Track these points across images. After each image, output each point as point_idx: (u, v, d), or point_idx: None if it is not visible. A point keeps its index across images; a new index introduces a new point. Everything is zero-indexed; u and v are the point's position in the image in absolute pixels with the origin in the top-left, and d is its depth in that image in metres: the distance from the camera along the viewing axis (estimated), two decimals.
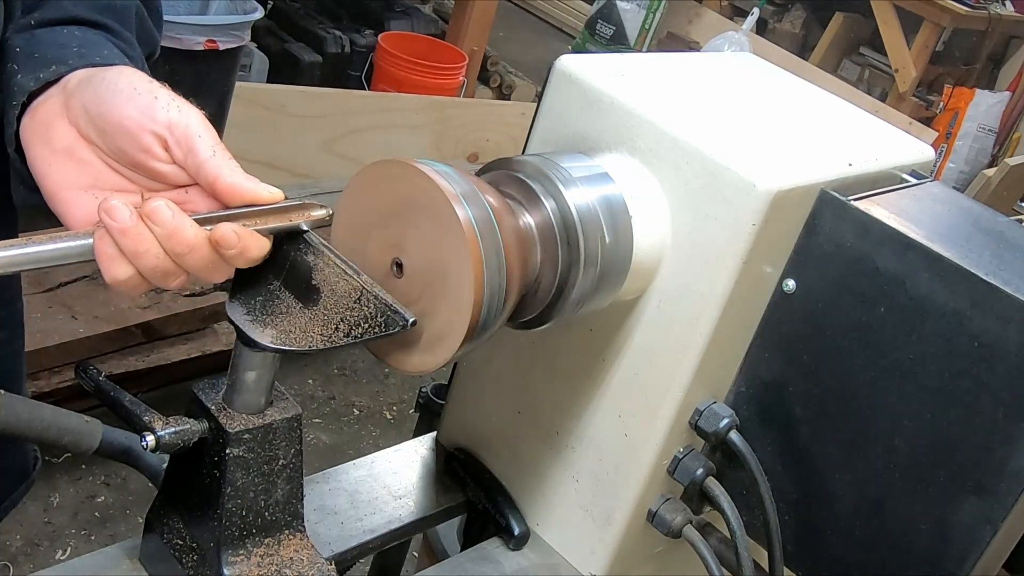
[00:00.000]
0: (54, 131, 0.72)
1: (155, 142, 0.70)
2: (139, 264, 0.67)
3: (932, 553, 0.85)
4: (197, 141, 0.70)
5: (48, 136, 0.72)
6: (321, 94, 3.25)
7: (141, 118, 0.70)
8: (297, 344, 0.73)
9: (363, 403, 2.87)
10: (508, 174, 0.84)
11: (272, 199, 0.72)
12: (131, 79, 0.72)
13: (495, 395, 1.07)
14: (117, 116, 0.70)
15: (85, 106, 0.71)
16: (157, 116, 0.70)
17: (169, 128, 0.70)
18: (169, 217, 0.67)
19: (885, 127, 1.07)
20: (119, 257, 0.67)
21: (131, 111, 0.70)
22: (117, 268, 0.68)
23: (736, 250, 0.84)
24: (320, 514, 0.99)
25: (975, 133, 5.41)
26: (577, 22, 6.11)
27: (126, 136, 0.70)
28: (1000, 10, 5.53)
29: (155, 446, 0.75)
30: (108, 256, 0.67)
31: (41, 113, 0.73)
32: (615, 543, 0.98)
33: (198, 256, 0.68)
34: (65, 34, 0.78)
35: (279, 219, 0.73)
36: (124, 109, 0.70)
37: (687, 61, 1.08)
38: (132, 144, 0.71)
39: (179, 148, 0.70)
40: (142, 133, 0.70)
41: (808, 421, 0.91)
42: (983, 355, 0.80)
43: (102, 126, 0.71)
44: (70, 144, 0.72)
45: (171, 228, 0.67)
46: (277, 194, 0.72)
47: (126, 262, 0.67)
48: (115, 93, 0.71)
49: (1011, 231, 0.94)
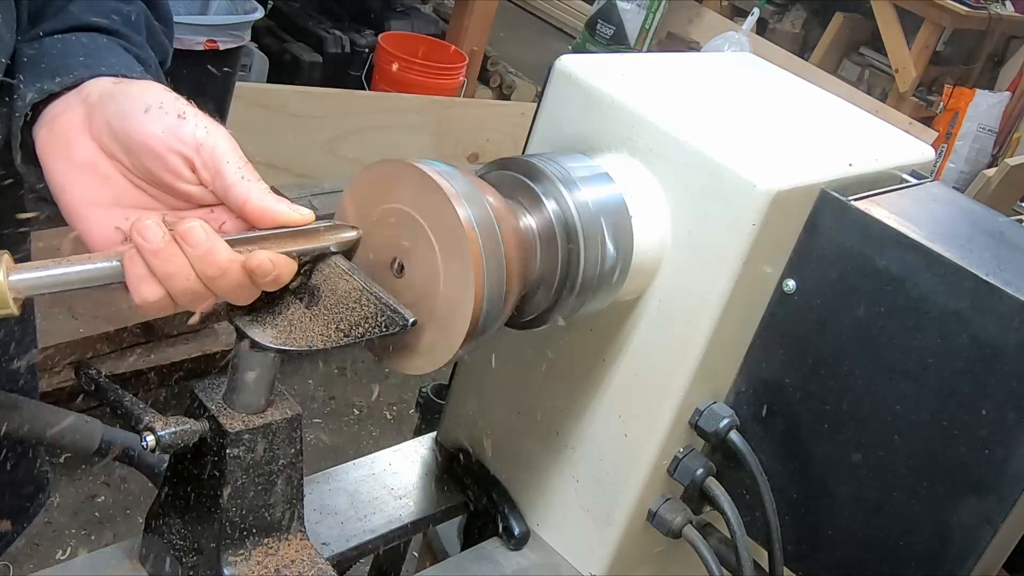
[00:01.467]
0: (74, 145, 0.70)
1: (182, 163, 0.69)
2: (170, 286, 0.66)
3: (932, 553, 0.85)
4: (225, 165, 0.69)
5: (68, 150, 0.70)
6: (321, 94, 3.25)
7: (167, 138, 0.68)
8: (297, 344, 0.73)
9: (363, 403, 2.87)
10: (508, 174, 0.84)
11: (303, 221, 0.71)
12: (157, 95, 0.70)
13: (495, 395, 1.07)
14: (143, 135, 0.69)
15: (109, 121, 0.70)
16: (184, 136, 0.68)
17: (196, 149, 0.69)
18: (203, 239, 0.65)
19: (885, 127, 1.07)
20: (149, 278, 0.66)
21: (157, 130, 0.68)
22: (147, 289, 0.66)
23: (736, 250, 0.84)
24: (320, 514, 0.99)
25: (975, 133, 5.41)
26: (577, 22, 6.12)
27: (152, 156, 0.69)
28: (1000, 10, 5.53)
29: (155, 446, 0.75)
30: (138, 277, 0.66)
31: (60, 125, 0.71)
32: (615, 543, 0.98)
33: (229, 280, 0.67)
34: (72, 42, 0.77)
35: (309, 241, 0.72)
36: (150, 127, 0.68)
37: (687, 61, 1.08)
38: (158, 164, 0.69)
39: (206, 170, 0.69)
40: (168, 154, 0.68)
41: (808, 421, 0.91)
42: (983, 355, 0.80)
43: (126, 143, 0.69)
44: (91, 159, 0.70)
45: (204, 250, 0.65)
46: (308, 215, 0.71)
47: (156, 283, 0.66)
48: (140, 109, 0.69)
49: (1011, 231, 0.94)
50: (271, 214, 0.69)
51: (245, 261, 0.67)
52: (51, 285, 0.64)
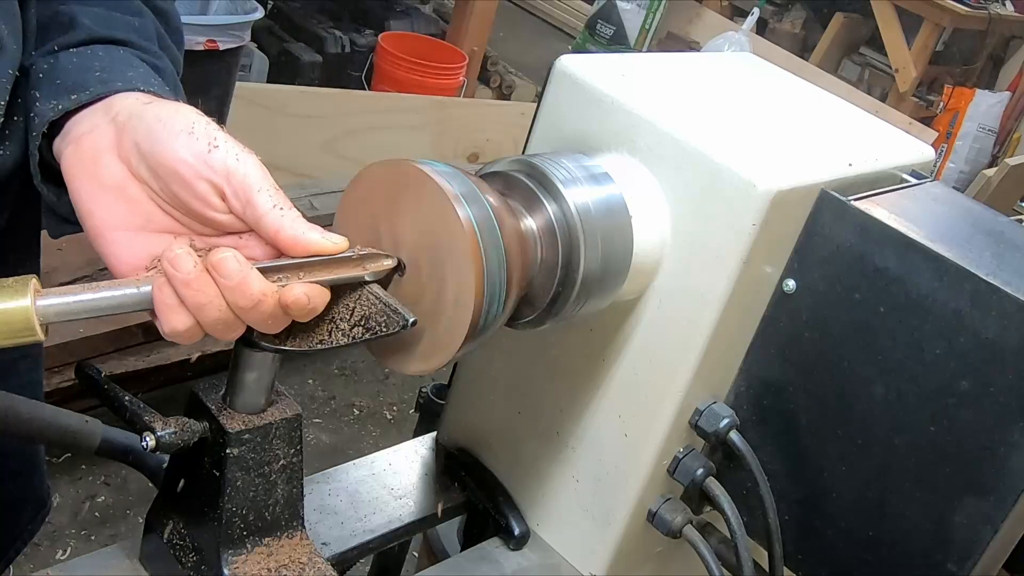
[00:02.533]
0: (102, 166, 0.69)
1: (211, 191, 0.67)
2: (200, 316, 0.65)
3: (932, 553, 0.85)
4: (256, 194, 0.67)
5: (96, 171, 0.69)
6: (321, 94, 3.25)
7: (197, 164, 0.66)
8: (297, 344, 0.73)
9: (363, 403, 2.87)
10: (508, 174, 0.84)
11: (336, 250, 0.69)
12: (188, 119, 0.68)
13: (495, 395, 1.07)
14: (172, 160, 0.67)
15: (138, 143, 0.68)
16: (214, 164, 0.67)
17: (227, 178, 0.67)
18: (236, 270, 0.64)
19: (885, 127, 1.07)
20: (179, 307, 0.65)
21: (187, 155, 0.66)
22: (177, 319, 0.65)
23: (736, 250, 0.84)
24: (320, 514, 0.99)
25: (975, 133, 5.41)
26: (577, 22, 6.11)
27: (180, 182, 0.67)
28: (1000, 10, 5.53)
29: (155, 446, 0.75)
30: (168, 307, 0.64)
31: (87, 145, 0.69)
32: (615, 543, 0.98)
33: (262, 311, 0.65)
34: (88, 56, 0.75)
35: (345, 270, 0.71)
36: (180, 153, 0.66)
37: (687, 61, 1.08)
38: (187, 191, 0.67)
39: (237, 199, 0.67)
40: (198, 181, 0.67)
41: (808, 421, 0.91)
42: (983, 355, 0.80)
43: (155, 167, 0.67)
44: (120, 181, 0.68)
45: (237, 281, 0.64)
46: (341, 244, 0.69)
47: (186, 313, 0.65)
48: (170, 133, 0.67)
49: (1011, 231, 0.94)
50: (303, 243, 0.67)
51: (281, 295, 0.66)
52: (78, 311, 0.63)
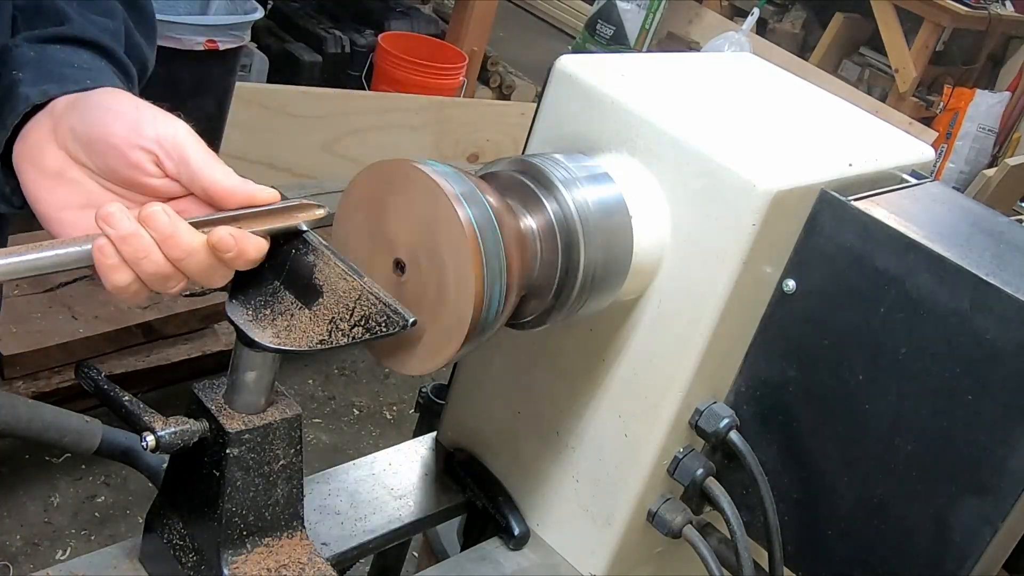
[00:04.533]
0: (45, 155, 0.73)
1: (145, 157, 0.71)
2: (139, 270, 0.68)
3: (932, 553, 0.85)
4: (188, 150, 0.71)
5: (39, 160, 0.73)
6: (321, 94, 3.24)
7: (129, 135, 0.70)
8: (297, 344, 0.73)
9: (363, 403, 2.87)
10: (508, 174, 0.84)
11: (269, 199, 0.72)
12: (116, 98, 0.73)
13: (495, 395, 1.07)
14: (105, 135, 0.71)
15: (73, 128, 0.72)
16: (144, 131, 0.71)
17: (158, 142, 0.71)
18: (166, 222, 0.67)
19: (885, 127, 1.07)
20: (120, 264, 0.68)
21: (118, 129, 0.71)
22: (117, 275, 0.68)
23: (736, 250, 0.84)
24: (320, 514, 0.99)
25: (975, 133, 5.41)
26: (577, 22, 6.11)
27: (115, 154, 0.71)
28: (1000, 10, 5.52)
29: (155, 446, 0.75)
30: (108, 265, 0.68)
31: (31, 138, 0.74)
32: (615, 543, 0.98)
33: (196, 260, 0.69)
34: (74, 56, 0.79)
35: (277, 220, 0.73)
36: (111, 127, 0.71)
37: (687, 61, 1.08)
38: (122, 161, 0.71)
39: (170, 160, 0.71)
40: (131, 150, 0.71)
41: (808, 421, 0.91)
42: (983, 355, 0.80)
43: (90, 146, 0.72)
44: (61, 167, 0.73)
45: (168, 232, 0.67)
46: (273, 194, 0.73)
47: (127, 269, 0.68)
48: (101, 113, 0.72)
49: (1011, 231, 0.94)
50: (237, 193, 0.71)
51: (208, 239, 0.69)
52: (24, 270, 0.66)
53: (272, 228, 0.73)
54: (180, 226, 0.68)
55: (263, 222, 0.72)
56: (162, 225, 0.67)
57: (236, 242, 0.70)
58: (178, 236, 0.68)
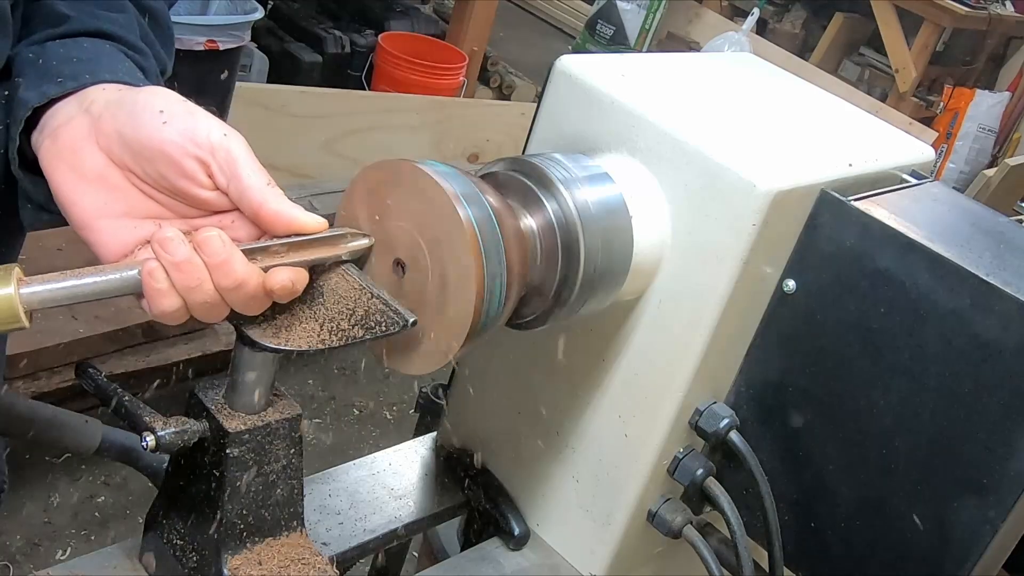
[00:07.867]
0: (82, 156, 0.69)
1: (198, 167, 0.68)
2: (189, 298, 0.66)
3: (932, 553, 0.85)
4: (241, 167, 0.68)
5: (76, 162, 0.69)
6: (321, 94, 3.24)
7: (183, 142, 0.67)
8: (297, 344, 0.73)
9: (363, 403, 2.87)
10: (508, 174, 0.84)
11: (317, 228, 0.71)
12: (167, 100, 0.69)
13: (495, 395, 1.07)
14: (158, 141, 0.67)
15: (120, 131, 0.69)
16: (200, 140, 0.68)
17: (212, 153, 0.68)
18: (220, 248, 0.65)
19: (885, 127, 1.07)
20: (170, 291, 0.65)
21: (172, 135, 0.67)
22: (166, 301, 0.66)
23: (736, 250, 0.84)
24: (320, 514, 0.99)
25: (975, 133, 5.41)
26: (577, 22, 6.11)
27: (168, 161, 0.68)
28: (1000, 10, 5.53)
29: (155, 446, 0.75)
30: (157, 290, 0.65)
31: (65, 137, 0.70)
32: (615, 543, 0.98)
33: (245, 291, 0.67)
34: (74, 47, 0.76)
35: (324, 250, 0.72)
36: (165, 132, 0.67)
37: (687, 61, 1.08)
38: (174, 170, 0.68)
39: (222, 174, 0.68)
40: (185, 158, 0.68)
41: (808, 421, 0.91)
42: (983, 355, 0.80)
43: (140, 151, 0.68)
44: (101, 170, 0.69)
45: (221, 260, 0.65)
46: (321, 223, 0.71)
47: (175, 295, 0.66)
48: (153, 116, 0.68)
49: (1011, 231, 0.94)
50: (285, 219, 0.69)
51: (266, 280, 0.67)
52: (63, 298, 0.64)
53: (318, 259, 0.72)
54: (235, 255, 0.66)
55: (309, 252, 0.71)
56: (217, 251, 0.65)
57: (294, 285, 0.68)
58: (230, 265, 0.65)
